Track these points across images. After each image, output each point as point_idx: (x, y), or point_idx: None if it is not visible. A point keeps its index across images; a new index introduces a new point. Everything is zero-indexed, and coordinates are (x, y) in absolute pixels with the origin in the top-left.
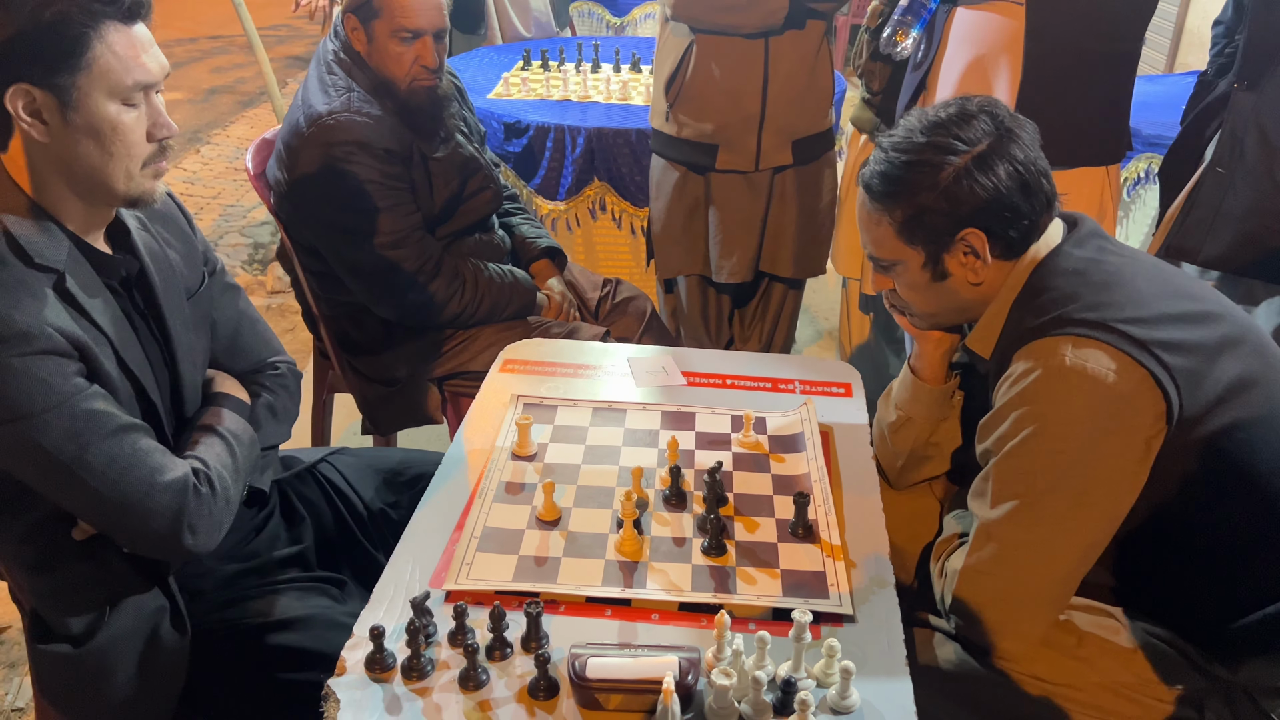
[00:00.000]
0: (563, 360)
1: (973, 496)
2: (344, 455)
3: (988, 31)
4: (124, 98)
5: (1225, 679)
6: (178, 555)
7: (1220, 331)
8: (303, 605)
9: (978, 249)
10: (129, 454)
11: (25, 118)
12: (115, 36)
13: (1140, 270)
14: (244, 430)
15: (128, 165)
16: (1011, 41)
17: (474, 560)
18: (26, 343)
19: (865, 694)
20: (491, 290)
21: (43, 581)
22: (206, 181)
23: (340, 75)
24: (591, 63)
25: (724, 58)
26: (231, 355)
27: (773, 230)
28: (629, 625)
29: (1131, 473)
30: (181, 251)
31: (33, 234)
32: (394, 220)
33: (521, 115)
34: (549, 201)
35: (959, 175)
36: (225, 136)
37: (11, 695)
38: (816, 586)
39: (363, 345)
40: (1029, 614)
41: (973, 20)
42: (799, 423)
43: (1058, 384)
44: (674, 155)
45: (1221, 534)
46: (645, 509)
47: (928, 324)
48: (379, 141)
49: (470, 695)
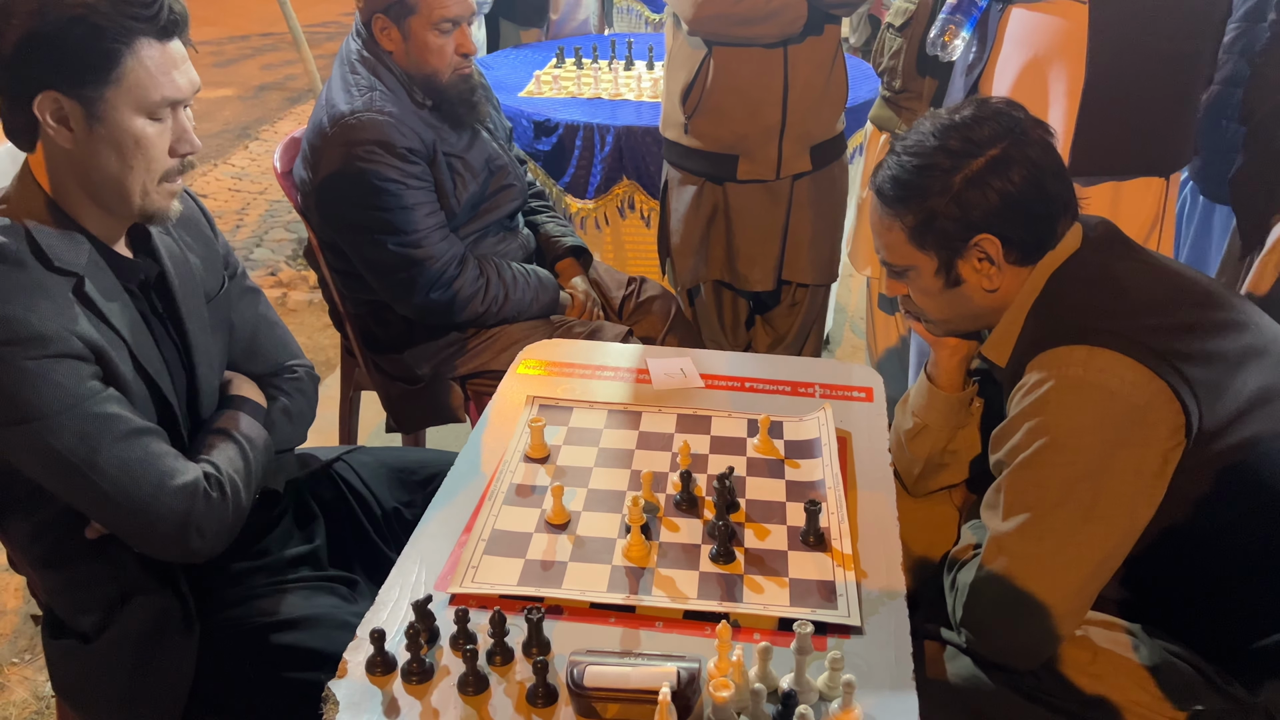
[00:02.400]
0: (581, 361)
1: (985, 508)
2: (360, 454)
3: (1047, 33)
4: (150, 113)
5: (1244, 700)
6: (184, 558)
7: (1243, 342)
8: (311, 605)
9: (992, 255)
10: (140, 457)
11: (52, 124)
12: (148, 52)
13: (1161, 278)
14: (259, 434)
15: (145, 180)
16: (1072, 43)
17: (480, 563)
18: (42, 346)
19: (870, 708)
20: (515, 289)
21: (54, 578)
22: (254, 177)
23: (364, 75)
24: (625, 60)
25: (743, 68)
26: (249, 358)
27: (793, 237)
28: (632, 633)
29: (1148, 487)
30: (202, 254)
31: (54, 237)
32: (416, 219)
33: (551, 114)
34: (578, 200)
35: (972, 180)
36: (274, 133)
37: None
38: (825, 596)
39: (386, 343)
40: (1041, 630)
41: (1030, 21)
42: (816, 427)
43: (1071, 395)
44: (691, 167)
45: (1242, 551)
46: (655, 514)
47: (943, 330)
48: (401, 141)
49: (469, 700)
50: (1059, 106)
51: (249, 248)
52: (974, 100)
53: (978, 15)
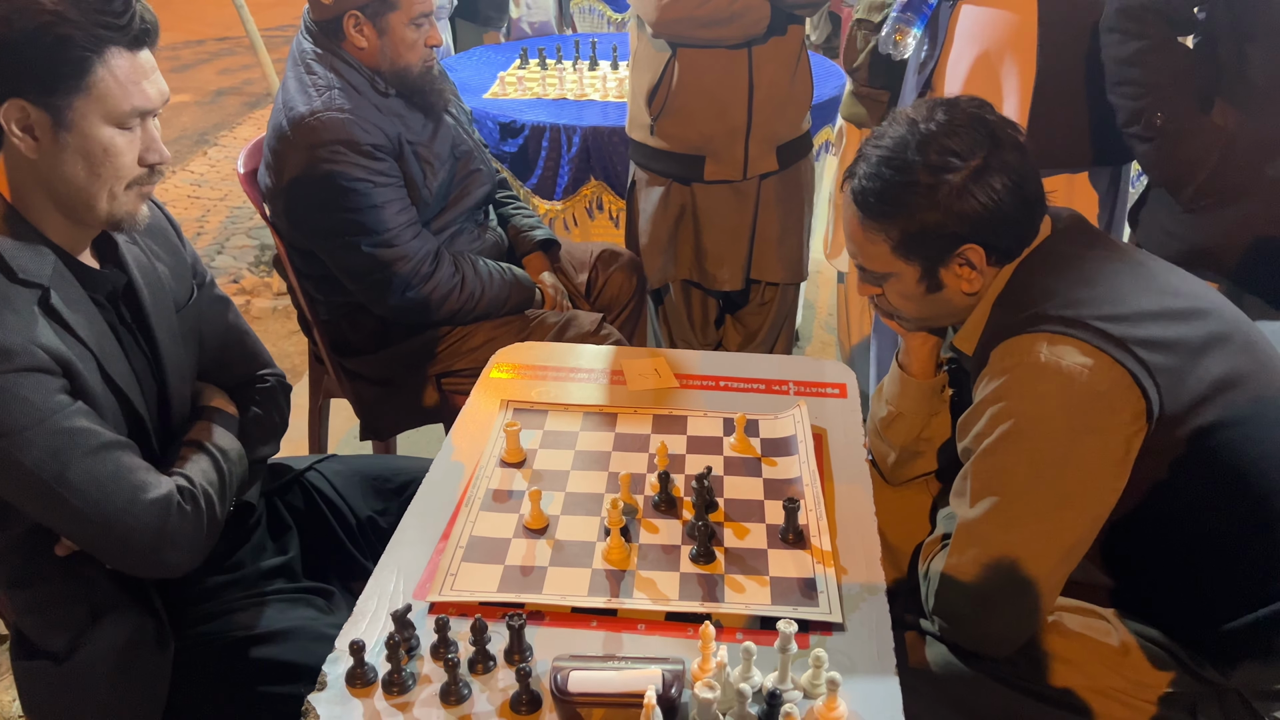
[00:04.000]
0: (554, 364)
1: (954, 495)
2: (332, 462)
3: (997, 27)
4: (120, 122)
5: (1218, 682)
6: (160, 573)
7: (1206, 328)
8: (287, 617)
9: (974, 261)
10: (111, 472)
11: (17, 132)
12: (118, 62)
13: (1124, 266)
14: (232, 446)
15: (112, 186)
16: (1021, 37)
17: (459, 571)
18: (8, 360)
19: (854, 703)
20: (490, 286)
21: (23, 597)
22: (214, 183)
23: (321, 73)
24: (589, 60)
25: (708, 70)
26: (220, 368)
27: (761, 236)
28: (614, 636)
29: (1111, 473)
30: (170, 264)
31: (17, 249)
32: (386, 218)
33: (517, 115)
34: (546, 201)
35: (956, 193)
36: (233, 138)
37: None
38: (806, 594)
39: (358, 347)
40: (1011, 616)
41: (981, 16)
42: (791, 425)
43: (1032, 381)
44: (658, 168)
45: (1209, 534)
46: (634, 516)
47: (917, 327)
48: (365, 138)
49: (452, 710)
50: (1011, 101)
51: (210, 255)
52: (941, 102)
53: (928, 13)
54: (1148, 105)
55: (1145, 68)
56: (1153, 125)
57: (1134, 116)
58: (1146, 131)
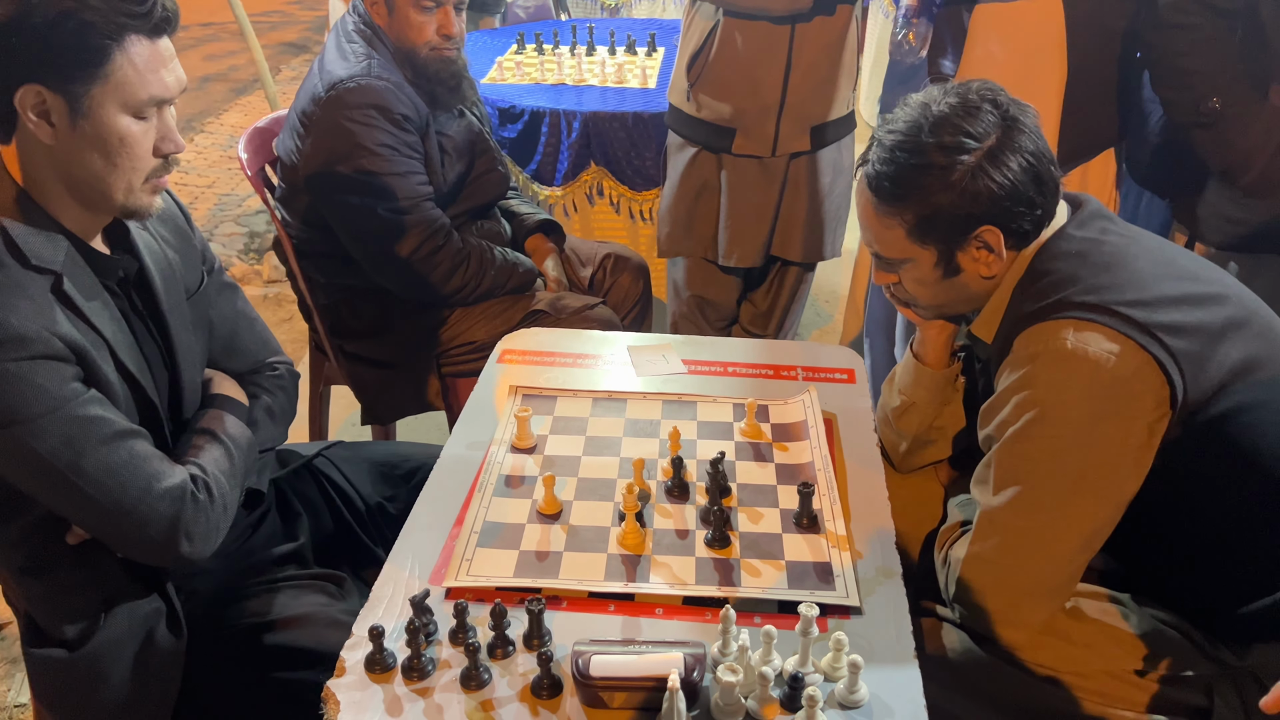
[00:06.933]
0: (561, 350)
1: (975, 483)
2: (340, 449)
3: (1021, 26)
4: (137, 111)
5: (1234, 665)
6: (173, 562)
7: (1225, 313)
8: (299, 603)
9: (992, 244)
10: (125, 460)
11: (32, 118)
12: (138, 49)
13: (1143, 251)
14: (242, 434)
15: (130, 178)
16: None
17: (474, 556)
18: (22, 347)
19: (874, 687)
20: (496, 268)
21: (36, 586)
22: (201, 170)
23: (360, 44)
24: (586, 45)
25: (748, 42)
26: (229, 355)
27: (785, 216)
28: (632, 621)
29: (1134, 458)
30: (180, 250)
31: (30, 235)
32: (407, 186)
33: (516, 100)
34: (546, 187)
35: (971, 174)
36: (219, 125)
37: (14, 691)
38: (822, 578)
39: (359, 330)
40: (1032, 602)
41: (1002, 16)
42: (802, 410)
43: (1058, 368)
44: (690, 134)
45: (1228, 519)
46: (647, 501)
47: (934, 315)
48: (398, 107)
49: (472, 695)
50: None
51: None
52: (951, 88)
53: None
54: (1205, 93)
55: (1199, 57)
56: (1212, 110)
57: (1191, 106)
58: (1206, 118)
